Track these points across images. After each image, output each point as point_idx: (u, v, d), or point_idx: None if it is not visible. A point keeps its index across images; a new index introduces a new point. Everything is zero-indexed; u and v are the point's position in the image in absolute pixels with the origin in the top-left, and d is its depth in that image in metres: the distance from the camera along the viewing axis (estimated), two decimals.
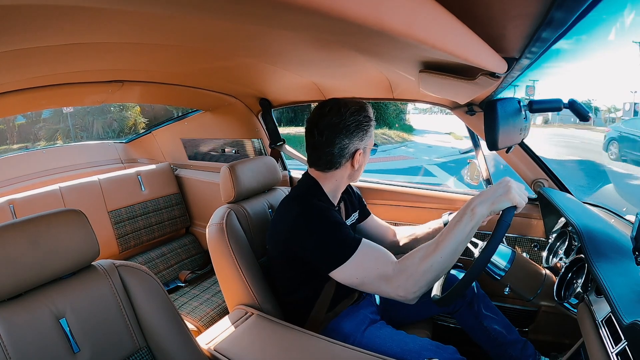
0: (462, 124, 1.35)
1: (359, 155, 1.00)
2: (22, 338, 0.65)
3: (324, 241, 0.89)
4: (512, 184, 0.78)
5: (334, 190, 1.05)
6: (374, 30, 0.31)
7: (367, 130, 1.00)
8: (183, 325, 0.85)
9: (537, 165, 1.30)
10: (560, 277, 0.91)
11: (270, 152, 1.87)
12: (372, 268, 0.84)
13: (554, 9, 0.40)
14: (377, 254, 0.86)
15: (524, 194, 0.78)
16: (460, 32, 0.43)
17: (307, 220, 0.92)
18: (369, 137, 1.01)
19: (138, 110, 10.26)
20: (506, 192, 0.76)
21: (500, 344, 1.12)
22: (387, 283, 0.82)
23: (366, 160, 1.05)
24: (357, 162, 1.00)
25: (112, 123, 10.05)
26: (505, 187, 0.77)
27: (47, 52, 0.76)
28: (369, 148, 1.05)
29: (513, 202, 0.76)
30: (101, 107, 9.38)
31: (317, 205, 0.95)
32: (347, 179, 1.05)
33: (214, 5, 0.30)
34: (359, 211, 1.25)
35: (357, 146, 0.99)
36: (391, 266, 0.83)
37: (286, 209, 1.01)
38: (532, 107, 1.00)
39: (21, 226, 0.68)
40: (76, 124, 9.90)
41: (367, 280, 0.84)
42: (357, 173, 1.05)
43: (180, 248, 2.05)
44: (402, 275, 0.81)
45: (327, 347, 0.90)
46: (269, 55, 1.02)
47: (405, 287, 0.80)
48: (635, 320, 0.54)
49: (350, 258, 0.85)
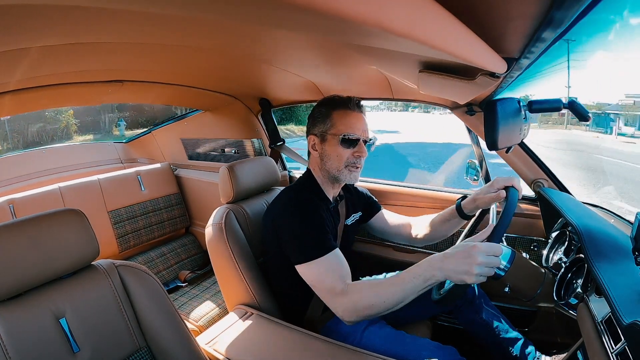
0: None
1: (312, 141, 1.07)
2: (22, 338, 0.65)
3: (299, 234, 0.95)
4: (478, 260, 0.71)
5: (323, 182, 1.09)
6: (374, 30, 0.31)
7: (319, 118, 1.04)
8: (183, 325, 0.85)
9: (537, 165, 1.30)
10: (560, 277, 0.91)
11: (270, 152, 1.87)
12: (327, 279, 0.90)
13: (554, 9, 0.40)
14: (337, 269, 0.92)
15: (491, 265, 0.73)
16: (460, 32, 0.43)
17: (293, 208, 0.99)
18: (324, 124, 1.03)
19: (71, 114, 10.49)
20: (468, 271, 0.72)
21: (501, 341, 1.12)
22: (332, 298, 0.89)
23: (332, 149, 1.02)
24: (315, 149, 1.06)
25: (46, 127, 10.29)
26: (469, 265, 0.72)
27: (47, 52, 0.76)
28: (332, 135, 1.01)
29: (469, 282, 0.73)
30: (37, 113, 9.36)
31: (305, 199, 1.00)
32: (321, 169, 1.07)
33: (214, 5, 0.30)
34: (364, 210, 1.25)
35: (312, 132, 1.06)
36: (341, 286, 0.89)
37: (279, 197, 1.08)
38: (531, 107, 0.99)
39: (21, 226, 0.68)
40: (13, 129, 10.08)
41: (318, 286, 0.92)
42: (328, 162, 1.04)
43: (180, 248, 2.05)
44: (345, 298, 0.87)
45: (327, 347, 0.90)
46: (269, 55, 1.02)
47: (344, 309, 0.87)
48: (635, 320, 0.54)
49: (314, 260, 0.91)
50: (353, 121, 1.02)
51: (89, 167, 2.30)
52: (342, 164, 1.03)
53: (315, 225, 0.96)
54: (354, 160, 1.03)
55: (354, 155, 1.03)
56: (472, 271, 0.72)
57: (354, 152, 1.02)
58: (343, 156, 1.02)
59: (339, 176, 1.04)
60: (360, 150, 1.03)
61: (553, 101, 0.99)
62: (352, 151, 1.02)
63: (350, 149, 1.02)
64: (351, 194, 1.22)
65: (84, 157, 2.35)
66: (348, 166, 1.03)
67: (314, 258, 0.92)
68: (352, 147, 1.02)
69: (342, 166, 1.03)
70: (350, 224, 1.17)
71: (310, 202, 1.00)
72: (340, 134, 1.01)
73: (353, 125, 1.02)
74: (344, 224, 1.14)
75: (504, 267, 0.98)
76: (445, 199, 1.49)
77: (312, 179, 1.09)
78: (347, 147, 1.02)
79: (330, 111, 1.03)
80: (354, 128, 1.02)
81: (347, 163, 1.03)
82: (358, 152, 1.03)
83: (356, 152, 1.03)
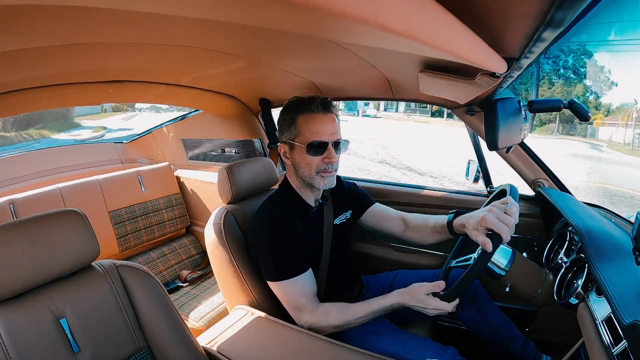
0: None
1: (282, 150, 1.05)
2: (22, 338, 0.65)
3: (270, 255, 1.00)
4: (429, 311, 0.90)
5: (300, 188, 1.08)
6: (374, 30, 0.31)
7: (284, 125, 1.01)
8: (183, 325, 0.85)
9: (537, 165, 1.30)
10: (560, 277, 0.91)
11: (270, 152, 1.87)
12: (296, 298, 0.99)
13: (554, 9, 0.40)
14: (306, 290, 0.99)
15: (437, 308, 0.89)
16: (460, 32, 0.43)
17: (266, 227, 1.01)
18: (290, 132, 0.99)
19: None
20: (423, 308, 0.91)
21: (502, 339, 1.12)
22: (299, 314, 1.00)
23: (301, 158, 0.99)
24: (286, 157, 1.04)
25: None
26: (423, 308, 0.91)
27: (47, 52, 0.76)
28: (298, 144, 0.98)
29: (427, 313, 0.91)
30: None
31: (278, 216, 1.01)
32: (297, 176, 1.05)
33: (214, 5, 0.30)
34: (354, 207, 1.23)
35: (282, 140, 1.04)
36: (310, 306, 0.98)
37: (258, 210, 1.08)
38: (532, 107, 1.00)
39: (21, 226, 0.68)
40: None
41: (287, 303, 1.01)
42: (300, 170, 1.01)
43: (180, 248, 2.05)
44: (312, 317, 0.98)
45: (327, 346, 0.90)
46: (269, 55, 1.02)
47: (309, 326, 0.98)
48: (635, 320, 0.54)
49: (283, 281, 0.98)
50: (318, 125, 0.96)
51: (89, 167, 2.30)
52: (313, 171, 0.99)
53: (286, 245, 0.98)
54: (324, 167, 0.99)
55: (324, 161, 0.98)
56: (426, 309, 0.90)
57: (323, 158, 0.98)
58: (312, 164, 0.98)
59: (312, 183, 1.01)
60: (329, 155, 0.98)
61: (553, 101, 0.99)
62: (321, 158, 0.98)
63: (318, 156, 0.98)
64: (339, 193, 1.20)
65: (84, 157, 2.35)
66: (319, 172, 0.99)
67: (283, 279, 0.98)
68: (320, 154, 0.98)
69: (313, 173, 0.99)
70: (339, 223, 1.16)
71: (284, 218, 1.00)
72: (305, 142, 0.96)
73: (319, 129, 0.96)
74: (332, 224, 1.13)
75: (504, 266, 0.98)
76: (445, 199, 1.49)
77: (289, 188, 1.08)
78: (314, 154, 0.97)
79: (294, 117, 0.99)
80: (320, 133, 0.96)
81: (318, 170, 0.99)
82: (327, 157, 0.98)
83: (325, 157, 0.98)
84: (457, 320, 1.34)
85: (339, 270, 1.15)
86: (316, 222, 1.10)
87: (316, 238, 1.09)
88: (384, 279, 1.29)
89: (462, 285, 0.85)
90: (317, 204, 1.10)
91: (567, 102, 0.98)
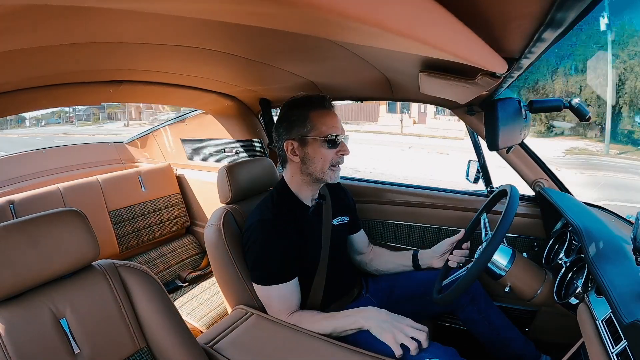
0: None
1: (290, 146, 1.03)
2: (22, 338, 0.65)
3: (257, 259, 1.02)
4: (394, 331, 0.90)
5: (299, 188, 1.08)
6: (374, 30, 0.31)
7: (296, 121, 1.02)
8: (183, 325, 0.85)
9: (537, 165, 1.30)
10: (560, 277, 0.91)
11: (270, 152, 1.87)
12: (275, 304, 1.03)
13: (555, 9, 0.40)
14: (286, 299, 1.02)
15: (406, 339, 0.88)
16: (460, 32, 0.43)
17: (258, 232, 1.01)
18: (303, 127, 1.01)
19: None
20: (393, 337, 0.90)
21: (502, 339, 1.12)
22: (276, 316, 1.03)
23: (316, 152, 1.01)
24: (295, 154, 1.03)
25: None
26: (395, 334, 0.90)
27: (47, 52, 0.76)
28: (314, 138, 1.00)
29: (388, 342, 0.90)
30: None
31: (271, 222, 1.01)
32: (304, 174, 1.05)
33: (214, 5, 0.30)
34: (351, 219, 1.25)
35: (286, 137, 1.03)
36: (284, 316, 1.02)
37: (252, 212, 1.08)
38: (532, 107, 0.99)
39: (21, 226, 0.68)
40: None
41: (268, 308, 1.05)
42: (312, 166, 1.03)
43: (180, 248, 2.05)
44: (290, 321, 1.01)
45: (327, 346, 0.90)
46: (269, 55, 1.02)
47: None
48: (636, 320, 0.54)
49: (267, 286, 1.01)
50: (333, 120, 1.02)
51: (89, 167, 2.30)
52: (327, 164, 1.03)
53: (274, 252, 0.99)
54: (338, 160, 1.04)
55: (338, 154, 1.03)
56: (395, 339, 0.89)
57: (338, 151, 1.03)
58: (328, 157, 1.02)
59: (322, 177, 1.04)
60: (343, 148, 1.04)
61: (554, 101, 0.99)
62: (336, 150, 1.03)
63: (334, 149, 1.02)
64: (339, 195, 1.23)
65: (84, 157, 2.35)
66: (332, 166, 1.03)
67: (266, 285, 1.01)
68: (336, 147, 1.03)
69: (326, 167, 1.03)
70: (337, 224, 1.17)
71: (277, 225, 1.00)
72: (322, 136, 1.00)
73: (334, 124, 1.02)
74: (331, 224, 1.14)
75: (504, 266, 0.98)
76: (445, 198, 1.49)
77: (285, 189, 1.09)
78: (332, 147, 1.02)
79: (306, 113, 1.02)
80: (335, 127, 1.02)
81: (332, 163, 1.03)
82: (342, 150, 1.04)
83: (340, 150, 1.03)
84: (457, 321, 1.34)
85: (338, 270, 1.15)
86: (314, 222, 1.11)
87: (315, 238, 1.09)
88: (383, 280, 1.29)
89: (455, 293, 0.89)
90: (314, 202, 1.11)
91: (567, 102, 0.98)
